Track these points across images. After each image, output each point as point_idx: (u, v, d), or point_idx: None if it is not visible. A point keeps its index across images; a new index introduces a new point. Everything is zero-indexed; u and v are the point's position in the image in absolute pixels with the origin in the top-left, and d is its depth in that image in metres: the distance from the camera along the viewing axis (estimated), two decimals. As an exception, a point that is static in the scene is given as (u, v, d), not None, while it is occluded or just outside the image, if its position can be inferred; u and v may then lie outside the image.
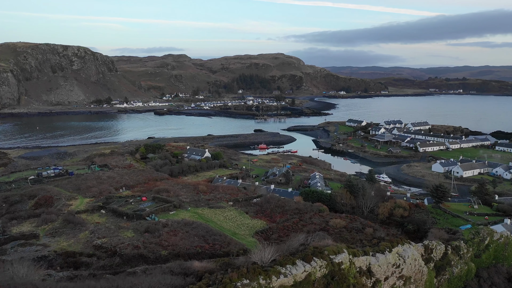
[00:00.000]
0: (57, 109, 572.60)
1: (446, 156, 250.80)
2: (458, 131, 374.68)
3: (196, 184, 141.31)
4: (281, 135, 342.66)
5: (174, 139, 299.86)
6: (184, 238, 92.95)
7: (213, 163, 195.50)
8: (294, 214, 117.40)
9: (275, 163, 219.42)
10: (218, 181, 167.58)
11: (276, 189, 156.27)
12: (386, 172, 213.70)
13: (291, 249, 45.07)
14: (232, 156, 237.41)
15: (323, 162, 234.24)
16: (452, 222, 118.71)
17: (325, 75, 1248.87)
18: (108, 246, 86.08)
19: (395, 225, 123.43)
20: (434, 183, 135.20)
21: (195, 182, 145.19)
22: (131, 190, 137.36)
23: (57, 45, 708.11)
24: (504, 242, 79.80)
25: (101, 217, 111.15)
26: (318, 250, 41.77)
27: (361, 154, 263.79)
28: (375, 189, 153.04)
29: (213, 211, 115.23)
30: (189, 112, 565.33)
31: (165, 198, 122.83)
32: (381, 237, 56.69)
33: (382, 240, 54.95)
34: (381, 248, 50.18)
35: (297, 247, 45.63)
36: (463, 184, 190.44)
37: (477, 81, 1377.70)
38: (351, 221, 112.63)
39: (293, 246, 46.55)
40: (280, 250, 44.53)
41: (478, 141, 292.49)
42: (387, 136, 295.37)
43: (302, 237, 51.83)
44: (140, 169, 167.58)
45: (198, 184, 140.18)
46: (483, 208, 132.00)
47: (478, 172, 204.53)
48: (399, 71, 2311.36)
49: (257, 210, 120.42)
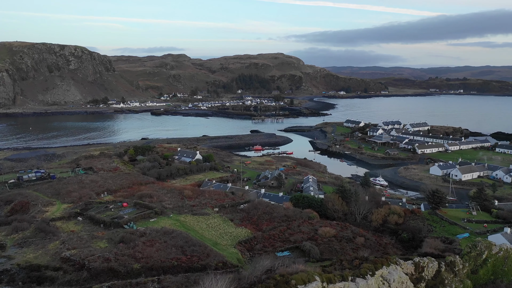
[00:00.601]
0: (52, 109, 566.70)
1: (445, 158, 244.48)
2: (458, 132, 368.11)
3: (182, 189, 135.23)
4: (277, 136, 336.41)
5: (167, 140, 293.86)
6: (161, 249, 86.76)
7: (204, 166, 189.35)
8: (282, 221, 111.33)
9: (269, 166, 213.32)
10: (207, 185, 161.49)
11: (266, 194, 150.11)
12: (382, 175, 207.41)
13: (252, 278, 38.92)
14: (225, 158, 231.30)
15: (318, 165, 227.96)
16: (449, 230, 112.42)
17: (325, 75, 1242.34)
18: (76, 259, 79.86)
19: (389, 232, 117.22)
20: (431, 188, 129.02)
21: (181, 187, 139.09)
22: (113, 195, 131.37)
23: (53, 45, 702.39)
24: (504, 256, 73.59)
25: (77, 224, 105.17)
26: (284, 279, 35.61)
27: (358, 156, 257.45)
28: (370, 194, 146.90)
29: (197, 218, 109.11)
30: (186, 112, 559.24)
31: (147, 204, 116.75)
32: (364, 257, 50.39)
33: (365, 261, 48.66)
34: (363, 272, 44.05)
35: (260, 275, 39.45)
36: (461, 187, 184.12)
37: (478, 81, 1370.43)
38: (342, 229, 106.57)
39: (256, 273, 40.44)
40: (239, 280, 38.39)
41: (478, 142, 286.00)
42: (385, 137, 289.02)
43: (268, 262, 45.71)
44: (126, 172, 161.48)
45: (184, 189, 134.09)
46: (482, 214, 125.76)
47: (478, 175, 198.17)
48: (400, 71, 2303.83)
49: (243, 217, 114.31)
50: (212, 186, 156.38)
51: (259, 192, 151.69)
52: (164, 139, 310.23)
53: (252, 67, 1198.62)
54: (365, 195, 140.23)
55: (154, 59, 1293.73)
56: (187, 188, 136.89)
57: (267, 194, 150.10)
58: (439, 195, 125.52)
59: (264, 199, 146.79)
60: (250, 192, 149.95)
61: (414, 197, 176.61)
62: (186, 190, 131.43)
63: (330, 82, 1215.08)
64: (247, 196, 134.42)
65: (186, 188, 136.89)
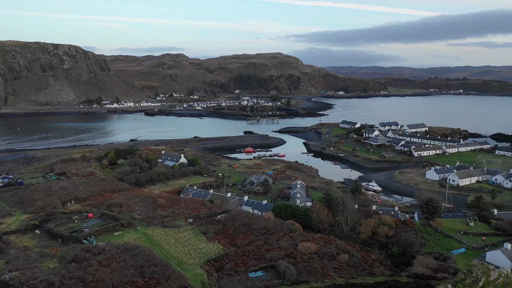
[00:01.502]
0: (44, 109, 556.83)
1: (443, 161, 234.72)
2: (457, 133, 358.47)
3: (157, 197, 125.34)
4: (270, 138, 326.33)
5: (156, 142, 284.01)
6: (117, 269, 76.90)
7: (187, 170, 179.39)
8: (261, 234, 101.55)
9: (257, 169, 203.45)
10: (188, 191, 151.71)
11: (250, 201, 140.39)
12: (376, 179, 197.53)
13: None
14: (212, 161, 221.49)
15: (309, 168, 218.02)
16: (443, 244, 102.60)
17: (323, 75, 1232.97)
18: (15, 283, 70.02)
19: (378, 246, 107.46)
20: (425, 197, 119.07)
21: (156, 194, 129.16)
22: (81, 204, 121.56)
23: (47, 44, 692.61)
24: (503, 282, 63.85)
25: (33, 239, 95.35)
26: None
27: (352, 159, 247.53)
28: (360, 201, 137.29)
29: (166, 232, 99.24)
30: (181, 112, 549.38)
31: (114, 215, 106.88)
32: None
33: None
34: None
35: None
36: (459, 193, 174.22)
37: (478, 81, 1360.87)
38: (326, 244, 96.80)
39: None
40: None
41: (477, 144, 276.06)
42: (380, 139, 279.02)
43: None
44: (101, 178, 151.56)
45: (159, 197, 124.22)
46: (480, 226, 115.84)
47: (476, 180, 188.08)
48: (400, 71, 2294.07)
49: (219, 229, 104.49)
50: (192, 193, 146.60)
51: (241, 199, 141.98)
52: (153, 140, 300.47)
53: (250, 66, 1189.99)
54: (355, 203, 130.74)
55: (152, 59, 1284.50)
56: (163, 196, 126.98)
57: (250, 201, 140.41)
58: (433, 204, 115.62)
59: (246, 207, 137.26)
60: (232, 199, 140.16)
61: (409, 203, 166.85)
62: (160, 199, 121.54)
63: (329, 82, 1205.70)
64: (226, 205, 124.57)
65: (162, 196, 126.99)
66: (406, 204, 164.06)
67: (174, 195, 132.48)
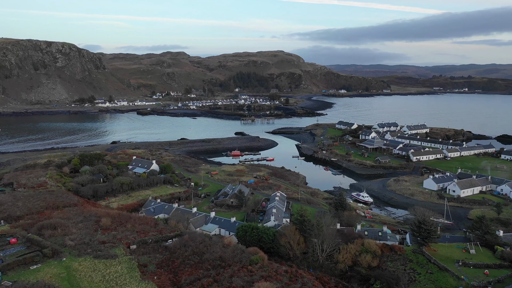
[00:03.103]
0: (34, 108, 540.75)
1: (443, 167, 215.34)
2: (460, 134, 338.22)
3: (103, 215, 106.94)
4: (261, 140, 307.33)
5: (136, 145, 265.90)
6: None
7: (156, 179, 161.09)
8: (213, 267, 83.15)
9: (238, 177, 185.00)
10: (150, 204, 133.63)
11: (217, 218, 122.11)
12: (368, 188, 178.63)
13: None
14: (190, 166, 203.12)
15: (296, 175, 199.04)
16: (437, 280, 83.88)
17: (325, 73, 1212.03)
18: None
19: (358, 279, 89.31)
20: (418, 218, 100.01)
21: (103, 212, 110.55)
22: (11, 225, 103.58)
23: (40, 41, 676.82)
24: None
25: None
26: None
27: (344, 164, 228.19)
28: (343, 220, 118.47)
29: (96, 264, 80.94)
30: (174, 112, 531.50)
31: (40, 241, 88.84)
32: None
33: None
34: None
35: None
36: (459, 206, 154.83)
37: (483, 80, 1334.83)
38: (291, 281, 78.55)
39: None
40: None
41: (481, 148, 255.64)
42: (376, 142, 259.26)
43: None
44: (51, 190, 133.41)
45: (105, 215, 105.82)
46: (482, 253, 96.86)
47: (479, 190, 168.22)
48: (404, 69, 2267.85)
49: (163, 260, 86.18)
50: (153, 208, 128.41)
51: (208, 215, 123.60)
52: (134, 143, 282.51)
53: (251, 65, 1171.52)
54: (337, 222, 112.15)
55: (152, 57, 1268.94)
56: (111, 214, 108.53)
57: (218, 218, 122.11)
58: (427, 228, 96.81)
59: (212, 225, 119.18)
60: (197, 216, 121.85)
61: (403, 218, 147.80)
62: (105, 218, 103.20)
63: (331, 80, 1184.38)
64: (185, 225, 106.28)
65: (109, 214, 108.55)
66: (399, 219, 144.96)
67: (125, 213, 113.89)
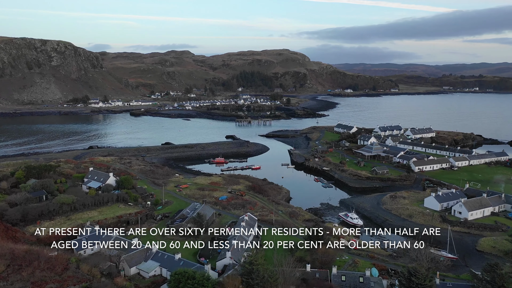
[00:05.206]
0: (24, 109, 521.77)
1: (449, 179, 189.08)
2: (469, 139, 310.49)
3: (5, 254, 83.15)
4: (250, 145, 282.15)
5: (108, 151, 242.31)
6: None
7: (107, 196, 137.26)
8: None
9: (211, 191, 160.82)
10: (86, 231, 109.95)
11: (159, 254, 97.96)
12: (360, 207, 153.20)
13: None
14: (160, 178, 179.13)
15: (278, 189, 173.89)
16: None
17: (331, 72, 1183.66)
18: None
19: None
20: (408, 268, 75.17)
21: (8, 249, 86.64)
22: None
23: (34, 40, 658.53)
24: None
25: None
26: None
27: (337, 174, 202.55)
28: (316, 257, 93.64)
29: None
30: (168, 113, 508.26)
31: None
32: None
33: None
34: None
35: None
36: (467, 232, 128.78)
37: (495, 79, 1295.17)
38: None
39: None
40: None
41: (493, 156, 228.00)
42: (375, 148, 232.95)
43: None
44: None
45: (2, 256, 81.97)
46: (494, 317, 71.43)
47: (491, 211, 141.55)
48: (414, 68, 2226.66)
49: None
50: (85, 238, 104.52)
51: (149, 250, 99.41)
52: (111, 148, 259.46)
53: (255, 63, 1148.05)
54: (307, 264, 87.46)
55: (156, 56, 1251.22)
56: (15, 252, 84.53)
57: (160, 254, 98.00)
58: (418, 281, 71.65)
59: (153, 263, 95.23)
60: (136, 251, 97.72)
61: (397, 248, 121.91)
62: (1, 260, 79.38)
63: (337, 79, 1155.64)
64: (97, 273, 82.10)
65: (14, 252, 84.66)
66: (393, 250, 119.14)
67: (37, 249, 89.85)
